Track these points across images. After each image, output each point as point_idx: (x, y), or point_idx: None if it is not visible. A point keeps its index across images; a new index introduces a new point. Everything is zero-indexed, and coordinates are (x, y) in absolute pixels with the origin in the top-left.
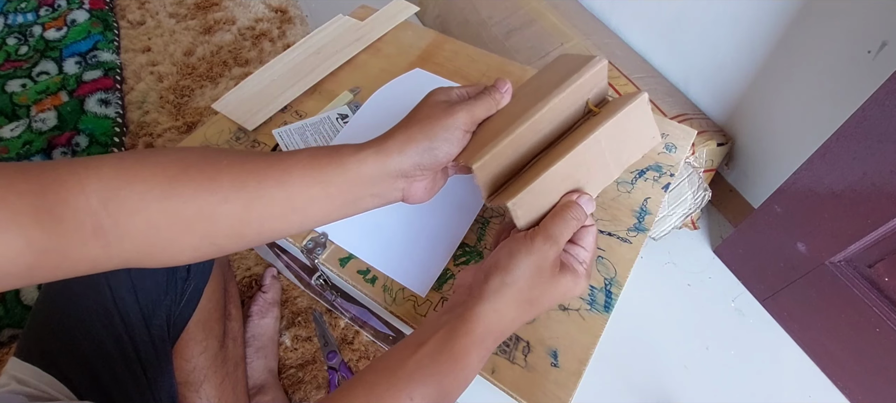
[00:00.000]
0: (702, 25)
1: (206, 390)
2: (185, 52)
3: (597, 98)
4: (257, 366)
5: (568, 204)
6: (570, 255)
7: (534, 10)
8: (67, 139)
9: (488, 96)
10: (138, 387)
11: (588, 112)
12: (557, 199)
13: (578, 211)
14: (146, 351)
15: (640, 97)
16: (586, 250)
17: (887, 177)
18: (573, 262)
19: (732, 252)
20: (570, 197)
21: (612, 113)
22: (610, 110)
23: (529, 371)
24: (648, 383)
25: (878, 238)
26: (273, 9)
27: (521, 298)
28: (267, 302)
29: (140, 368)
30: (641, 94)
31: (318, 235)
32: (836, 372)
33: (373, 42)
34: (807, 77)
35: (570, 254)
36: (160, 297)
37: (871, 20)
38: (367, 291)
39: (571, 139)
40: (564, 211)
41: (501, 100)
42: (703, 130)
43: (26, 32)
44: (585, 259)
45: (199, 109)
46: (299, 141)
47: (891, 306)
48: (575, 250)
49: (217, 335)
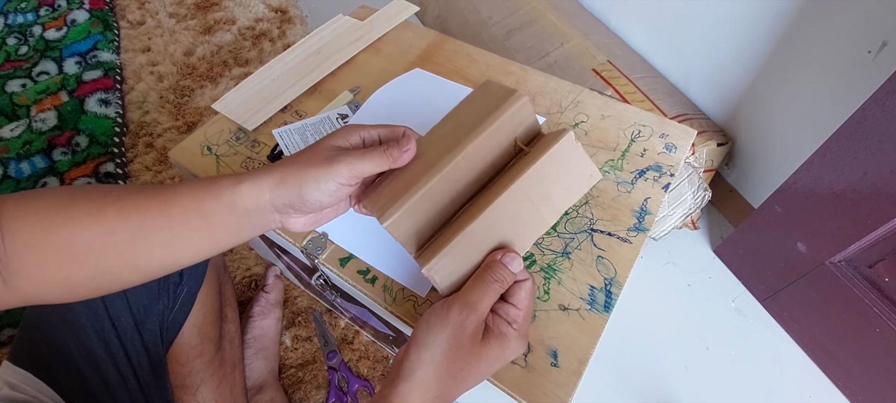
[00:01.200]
0: (702, 25)
1: (203, 393)
2: (185, 52)
3: (526, 135)
4: (258, 367)
5: (489, 266)
6: (499, 317)
7: (534, 10)
8: (67, 139)
9: (381, 154)
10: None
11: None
12: (481, 258)
13: (501, 272)
14: (139, 358)
15: (565, 136)
16: (518, 308)
17: (887, 177)
18: (500, 325)
19: (732, 252)
20: (493, 256)
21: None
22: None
23: (529, 371)
24: (648, 383)
25: (878, 238)
26: (273, 9)
27: (441, 374)
28: (269, 302)
29: (133, 374)
30: (566, 133)
31: (318, 235)
32: (836, 372)
33: (373, 42)
34: (807, 77)
35: (498, 316)
36: (152, 302)
37: (871, 20)
38: (367, 291)
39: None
40: (485, 274)
41: (397, 161)
42: (703, 130)
43: (26, 32)
44: (517, 317)
45: (199, 109)
46: (299, 141)
47: (891, 306)
48: (505, 309)
49: (213, 338)
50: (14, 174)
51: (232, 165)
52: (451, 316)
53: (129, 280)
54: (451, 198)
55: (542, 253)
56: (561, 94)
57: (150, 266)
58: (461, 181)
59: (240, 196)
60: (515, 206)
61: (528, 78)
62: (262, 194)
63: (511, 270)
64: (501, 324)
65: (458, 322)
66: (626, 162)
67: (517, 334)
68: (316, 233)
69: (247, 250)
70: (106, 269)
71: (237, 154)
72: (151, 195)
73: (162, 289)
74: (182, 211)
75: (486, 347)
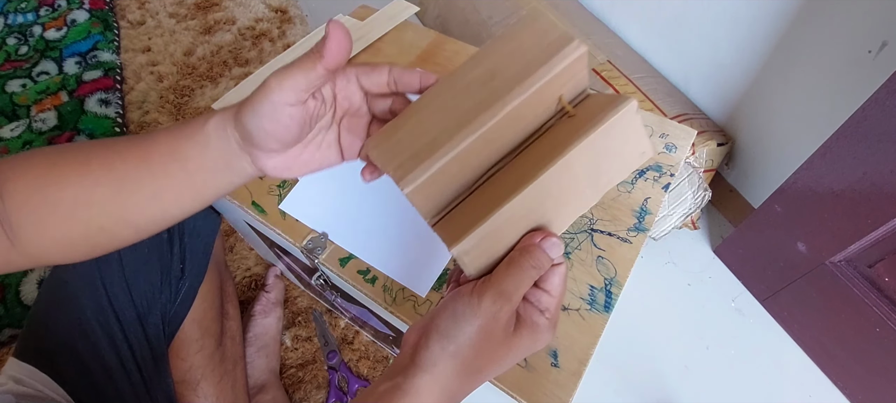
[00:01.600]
0: (702, 25)
1: (203, 388)
2: (185, 52)
3: (572, 93)
4: (259, 366)
5: (527, 250)
6: (531, 305)
7: (534, 10)
8: (67, 139)
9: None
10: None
11: (561, 112)
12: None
13: (539, 258)
14: (142, 350)
15: (628, 105)
16: (552, 295)
17: (887, 177)
18: (533, 314)
19: (732, 252)
20: (530, 238)
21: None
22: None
23: (529, 371)
24: (648, 383)
25: (878, 238)
26: (273, 9)
27: (467, 368)
28: (270, 301)
29: (136, 367)
30: (629, 101)
31: (318, 235)
32: (836, 372)
33: (373, 42)
34: (807, 77)
35: (529, 303)
36: (155, 296)
37: (871, 20)
38: (367, 291)
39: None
40: (522, 260)
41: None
42: (703, 130)
43: (26, 32)
44: (549, 306)
45: (199, 109)
46: None
47: (891, 306)
48: (537, 296)
49: (213, 334)
50: None
51: None
52: (484, 307)
53: (125, 236)
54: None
55: None
56: None
57: (141, 219)
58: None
59: (208, 133)
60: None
61: None
62: (227, 127)
63: (550, 256)
64: (534, 313)
65: (491, 313)
66: None
67: (549, 323)
68: (316, 233)
69: (247, 250)
70: (99, 225)
71: None
72: (135, 143)
73: (164, 283)
74: (160, 156)
75: (517, 338)
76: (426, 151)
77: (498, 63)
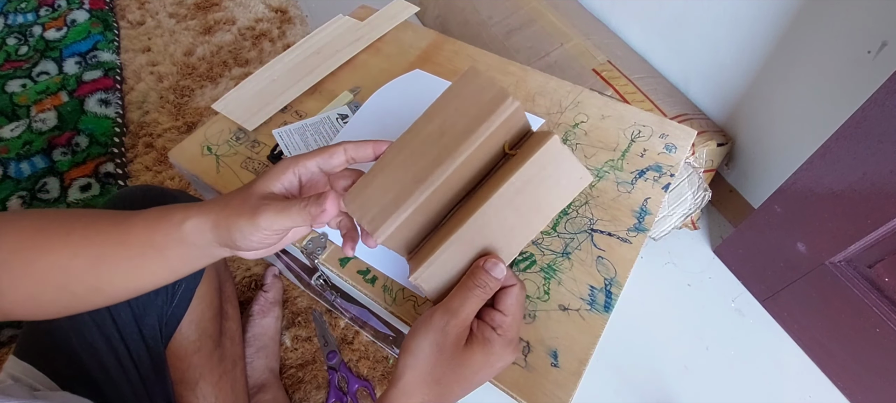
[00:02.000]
0: (702, 25)
1: (202, 388)
2: (185, 52)
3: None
4: (258, 366)
5: (472, 273)
6: (484, 322)
7: (534, 10)
8: (67, 139)
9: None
10: (132, 386)
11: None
12: (467, 265)
13: (483, 278)
14: (139, 351)
15: (549, 141)
16: (505, 314)
17: (887, 177)
18: (484, 330)
19: (732, 252)
20: (478, 263)
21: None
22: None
23: (529, 371)
24: (648, 383)
25: (878, 238)
26: (273, 9)
27: (426, 379)
28: (268, 301)
29: (133, 367)
30: (550, 137)
31: (318, 235)
32: (836, 372)
33: (373, 42)
34: (807, 77)
35: (483, 321)
36: (151, 298)
37: (871, 20)
38: (367, 291)
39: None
40: (467, 281)
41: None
42: (703, 130)
43: (26, 32)
44: (502, 323)
45: (199, 109)
46: (299, 141)
47: (891, 306)
48: (490, 315)
49: (212, 334)
50: (14, 174)
51: (232, 165)
52: (434, 322)
53: (94, 302)
54: (440, 206)
55: (542, 254)
56: (561, 94)
57: (113, 290)
58: (451, 190)
59: (186, 233)
60: (500, 214)
61: (528, 78)
62: (205, 233)
63: (494, 276)
64: (485, 330)
65: (439, 327)
66: (626, 162)
67: (503, 340)
68: (316, 233)
69: None
70: (71, 291)
71: (237, 154)
72: (114, 223)
73: None
74: (138, 242)
75: (468, 353)
76: (392, 206)
77: (446, 121)
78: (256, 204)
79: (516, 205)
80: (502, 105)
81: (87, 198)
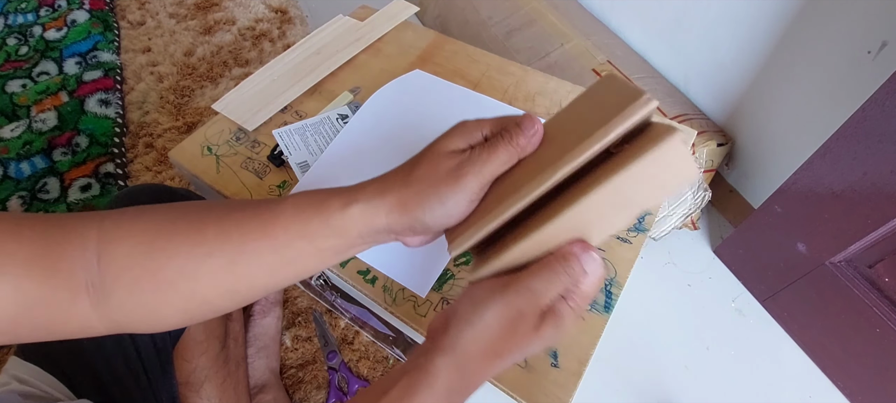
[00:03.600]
0: (702, 25)
1: (207, 390)
2: (185, 53)
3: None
4: (259, 366)
5: (564, 257)
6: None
7: (534, 10)
8: (67, 139)
9: (506, 147)
10: (139, 386)
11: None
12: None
13: (574, 268)
14: (147, 352)
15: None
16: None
17: (887, 177)
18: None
19: (732, 252)
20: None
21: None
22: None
23: (529, 371)
24: (648, 383)
25: (878, 238)
26: (273, 9)
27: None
28: (268, 301)
29: (141, 368)
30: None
31: None
32: (836, 372)
33: (373, 42)
34: (807, 77)
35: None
36: None
37: (871, 20)
38: (367, 291)
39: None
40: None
41: (526, 148)
42: (703, 130)
43: (26, 33)
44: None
45: (200, 109)
46: (299, 141)
47: (891, 306)
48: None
49: (218, 336)
50: (14, 174)
51: (232, 165)
52: (508, 298)
53: (224, 306)
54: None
55: None
56: (561, 94)
57: (250, 290)
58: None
59: (351, 220)
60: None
61: (528, 78)
62: (377, 219)
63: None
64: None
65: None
66: None
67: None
68: None
69: None
70: (202, 297)
71: (237, 154)
72: (256, 212)
73: None
74: (285, 232)
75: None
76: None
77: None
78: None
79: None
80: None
81: (87, 199)
